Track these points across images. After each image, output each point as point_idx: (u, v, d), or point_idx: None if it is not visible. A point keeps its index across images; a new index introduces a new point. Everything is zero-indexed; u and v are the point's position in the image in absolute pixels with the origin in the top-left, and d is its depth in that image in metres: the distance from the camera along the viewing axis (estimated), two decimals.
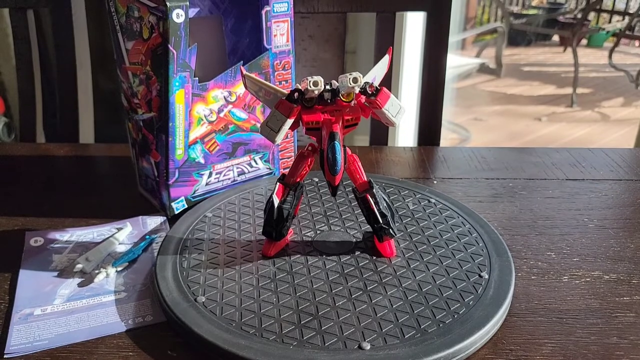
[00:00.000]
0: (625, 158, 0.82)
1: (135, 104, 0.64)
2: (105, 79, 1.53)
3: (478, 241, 0.57)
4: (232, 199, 0.65)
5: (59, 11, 0.95)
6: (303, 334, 0.45)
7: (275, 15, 0.63)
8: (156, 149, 0.62)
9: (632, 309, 0.50)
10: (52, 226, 0.62)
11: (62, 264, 0.56)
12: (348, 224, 0.61)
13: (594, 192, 0.72)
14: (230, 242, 0.57)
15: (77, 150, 0.85)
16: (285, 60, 0.66)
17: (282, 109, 0.48)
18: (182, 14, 0.55)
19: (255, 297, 0.49)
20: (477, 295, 0.49)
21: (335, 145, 0.47)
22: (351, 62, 1.94)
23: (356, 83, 0.47)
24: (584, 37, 4.37)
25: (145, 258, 0.57)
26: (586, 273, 0.56)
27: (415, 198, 0.66)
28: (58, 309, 0.49)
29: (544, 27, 4.27)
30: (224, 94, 0.63)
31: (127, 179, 0.72)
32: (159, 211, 0.65)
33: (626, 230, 0.63)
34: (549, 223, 0.64)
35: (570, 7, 4.32)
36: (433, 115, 0.95)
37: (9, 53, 1.47)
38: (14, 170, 0.78)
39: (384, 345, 0.43)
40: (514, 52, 4.34)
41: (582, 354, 0.45)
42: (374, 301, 0.48)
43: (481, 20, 4.46)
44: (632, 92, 3.47)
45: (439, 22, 0.91)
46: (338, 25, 1.73)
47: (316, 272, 0.52)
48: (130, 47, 0.61)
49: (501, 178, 0.76)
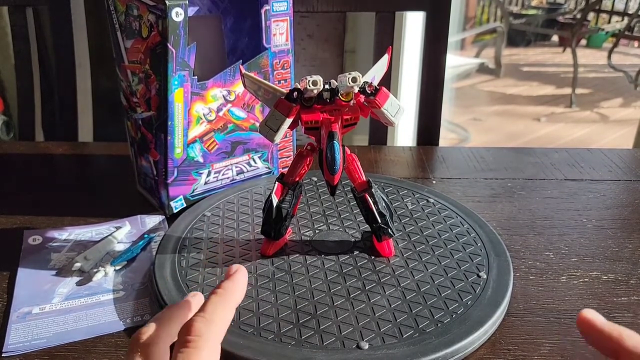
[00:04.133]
0: (623, 158, 0.82)
1: (134, 102, 0.64)
2: (104, 77, 1.53)
3: (476, 241, 0.57)
4: (230, 198, 0.65)
5: (58, 9, 0.95)
6: (301, 333, 0.45)
7: (274, 15, 0.63)
8: (155, 148, 0.62)
9: (630, 309, 0.51)
10: (50, 225, 0.62)
11: (60, 263, 0.56)
12: (347, 223, 0.61)
13: (592, 193, 0.72)
14: (228, 241, 0.57)
15: (75, 148, 0.85)
16: (285, 60, 0.66)
17: (281, 108, 0.48)
18: (182, 12, 0.55)
19: (253, 297, 0.49)
20: (476, 295, 0.49)
21: (334, 144, 0.47)
22: (350, 61, 1.94)
23: (355, 82, 0.47)
24: (583, 37, 4.37)
25: (143, 257, 0.57)
26: (584, 273, 0.56)
27: (414, 198, 0.66)
28: (56, 308, 0.49)
29: (543, 27, 4.27)
30: (223, 93, 0.63)
31: (126, 177, 0.72)
32: (158, 210, 0.65)
33: (624, 230, 0.63)
34: (547, 223, 0.64)
35: (570, 7, 4.33)
36: (432, 115, 0.95)
37: (8, 51, 1.46)
38: (13, 169, 0.77)
39: (382, 344, 0.43)
40: (513, 52, 4.35)
41: (580, 354, 0.45)
42: (372, 301, 0.48)
43: (480, 20, 4.46)
44: (631, 92, 3.47)
45: (438, 22, 0.91)
46: (337, 25, 1.73)
47: (315, 272, 0.52)
48: (129, 45, 0.61)
49: (500, 178, 0.76)
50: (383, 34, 0.93)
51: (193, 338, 0.28)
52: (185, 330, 0.29)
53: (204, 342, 0.28)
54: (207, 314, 0.30)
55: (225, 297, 0.31)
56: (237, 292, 0.32)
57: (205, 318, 0.29)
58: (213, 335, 0.29)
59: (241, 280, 0.33)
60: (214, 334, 0.29)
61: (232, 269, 0.34)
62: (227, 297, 0.32)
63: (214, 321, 0.29)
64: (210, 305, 0.31)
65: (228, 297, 0.32)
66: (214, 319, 0.30)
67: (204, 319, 0.29)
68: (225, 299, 0.31)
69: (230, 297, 0.32)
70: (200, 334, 0.28)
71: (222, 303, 0.31)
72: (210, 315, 0.30)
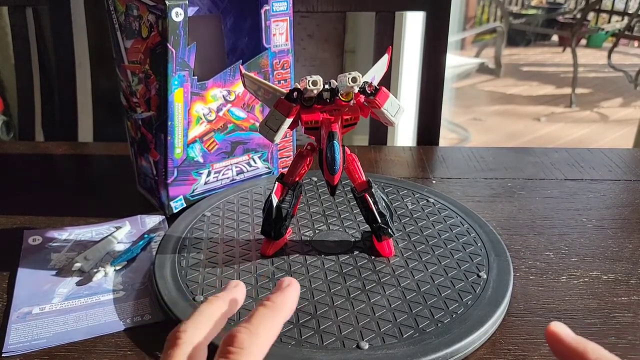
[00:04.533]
0: (623, 158, 0.82)
1: (134, 102, 0.64)
2: (104, 77, 1.53)
3: (477, 241, 0.57)
4: (230, 198, 0.65)
5: (58, 9, 0.95)
6: (301, 333, 0.45)
7: (274, 15, 0.63)
8: (155, 148, 0.62)
9: (630, 309, 0.51)
10: (50, 225, 0.62)
11: (60, 263, 0.56)
12: (347, 223, 0.61)
13: (592, 192, 0.72)
14: (228, 241, 0.57)
15: (75, 148, 0.85)
16: (285, 60, 0.66)
17: (281, 108, 0.48)
18: (181, 12, 0.55)
19: (253, 297, 0.49)
20: (476, 295, 0.49)
21: (334, 144, 0.47)
22: (350, 61, 1.94)
23: (355, 82, 0.47)
24: (583, 37, 4.37)
25: (143, 257, 0.57)
26: (584, 273, 0.56)
27: (414, 198, 0.66)
28: (56, 308, 0.49)
29: (543, 27, 4.27)
30: (223, 93, 0.63)
31: (126, 177, 0.72)
32: (158, 210, 0.65)
33: (624, 230, 0.63)
34: (547, 223, 0.64)
35: (570, 7, 4.33)
36: (432, 115, 0.95)
37: (7, 52, 1.46)
38: (13, 169, 0.77)
39: (382, 344, 0.43)
40: (513, 52, 4.34)
41: None
42: (372, 300, 0.48)
43: (480, 20, 4.46)
44: (631, 92, 3.47)
45: (438, 22, 0.91)
46: (337, 25, 1.73)
47: (315, 272, 0.52)
48: (129, 45, 0.61)
49: (500, 178, 0.76)
50: (383, 34, 0.93)
51: (236, 350, 0.27)
52: (229, 340, 0.28)
53: (246, 355, 0.27)
54: (253, 327, 0.29)
55: (274, 310, 0.30)
56: (287, 306, 0.31)
57: (251, 330, 0.28)
58: (256, 349, 0.28)
59: (292, 294, 0.32)
60: (258, 348, 0.28)
61: (285, 282, 0.32)
62: (276, 310, 0.30)
63: (259, 335, 0.28)
64: (258, 317, 0.29)
65: (277, 311, 0.30)
66: (259, 332, 0.28)
67: (249, 332, 0.28)
68: (274, 312, 0.30)
69: (279, 312, 0.30)
70: (244, 346, 0.27)
71: (270, 317, 0.30)
72: (255, 328, 0.29)
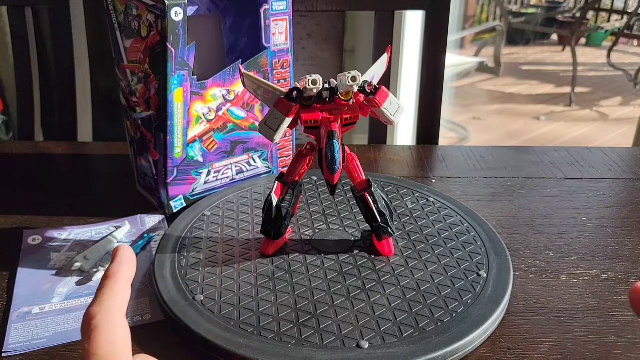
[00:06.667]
0: (623, 157, 0.82)
1: (133, 102, 0.64)
2: (103, 77, 1.53)
3: (476, 240, 0.57)
4: (230, 198, 0.65)
5: (58, 9, 0.95)
6: (301, 333, 0.45)
7: (274, 14, 0.63)
8: (155, 148, 0.62)
9: (629, 308, 0.50)
10: (50, 225, 0.62)
11: (60, 263, 0.56)
12: (347, 222, 0.61)
13: (592, 191, 0.72)
14: (228, 240, 0.57)
15: (75, 148, 0.85)
16: (284, 59, 0.66)
17: (280, 107, 0.48)
18: (181, 12, 0.55)
19: (253, 296, 0.49)
20: (476, 294, 0.49)
21: (334, 143, 0.47)
22: (350, 60, 1.94)
23: (355, 82, 0.47)
24: (582, 36, 4.37)
25: (143, 256, 0.57)
26: (584, 272, 0.56)
27: (414, 197, 0.66)
28: (56, 308, 0.49)
29: (542, 26, 4.27)
30: (222, 92, 0.63)
31: (126, 177, 0.72)
32: (158, 210, 0.65)
33: (624, 229, 0.63)
34: (547, 222, 0.64)
35: (569, 6, 4.33)
36: (432, 114, 0.95)
37: (7, 51, 1.46)
38: (12, 169, 0.77)
39: (383, 343, 0.44)
40: (512, 51, 4.35)
41: (580, 353, 0.45)
42: (372, 300, 0.48)
43: (480, 19, 4.46)
44: (631, 91, 3.47)
45: (437, 21, 0.91)
46: (337, 24, 1.73)
47: (315, 271, 0.52)
48: (129, 45, 0.61)
49: (500, 177, 0.76)
50: (382, 33, 0.93)
51: (91, 325, 0.30)
52: (83, 321, 0.30)
53: (99, 319, 0.30)
54: (97, 297, 0.31)
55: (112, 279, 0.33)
56: (121, 270, 0.34)
57: (96, 301, 0.31)
58: (106, 310, 0.30)
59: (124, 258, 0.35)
60: (109, 309, 0.31)
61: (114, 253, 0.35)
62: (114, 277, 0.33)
63: (104, 300, 0.31)
64: (100, 290, 0.32)
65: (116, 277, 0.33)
66: (103, 298, 0.31)
67: (95, 302, 0.31)
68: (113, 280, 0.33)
69: (118, 276, 0.33)
70: (94, 315, 0.30)
71: (110, 284, 0.32)
72: (100, 297, 0.31)
